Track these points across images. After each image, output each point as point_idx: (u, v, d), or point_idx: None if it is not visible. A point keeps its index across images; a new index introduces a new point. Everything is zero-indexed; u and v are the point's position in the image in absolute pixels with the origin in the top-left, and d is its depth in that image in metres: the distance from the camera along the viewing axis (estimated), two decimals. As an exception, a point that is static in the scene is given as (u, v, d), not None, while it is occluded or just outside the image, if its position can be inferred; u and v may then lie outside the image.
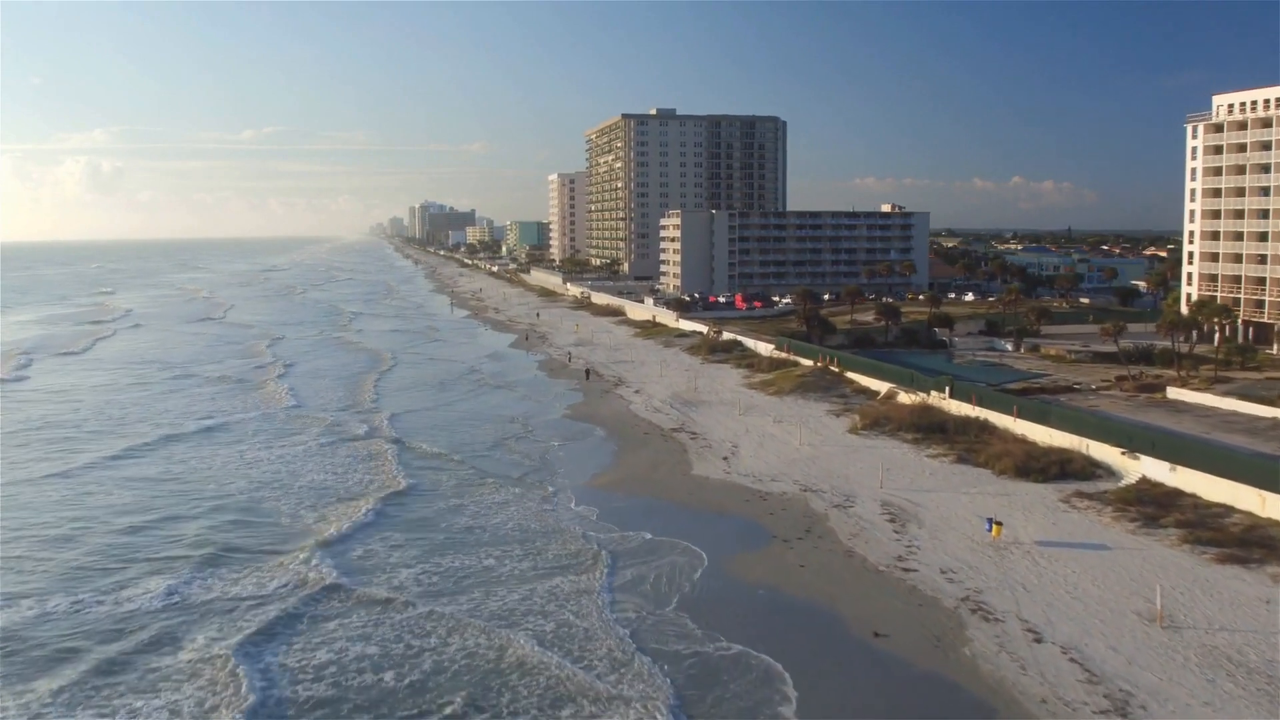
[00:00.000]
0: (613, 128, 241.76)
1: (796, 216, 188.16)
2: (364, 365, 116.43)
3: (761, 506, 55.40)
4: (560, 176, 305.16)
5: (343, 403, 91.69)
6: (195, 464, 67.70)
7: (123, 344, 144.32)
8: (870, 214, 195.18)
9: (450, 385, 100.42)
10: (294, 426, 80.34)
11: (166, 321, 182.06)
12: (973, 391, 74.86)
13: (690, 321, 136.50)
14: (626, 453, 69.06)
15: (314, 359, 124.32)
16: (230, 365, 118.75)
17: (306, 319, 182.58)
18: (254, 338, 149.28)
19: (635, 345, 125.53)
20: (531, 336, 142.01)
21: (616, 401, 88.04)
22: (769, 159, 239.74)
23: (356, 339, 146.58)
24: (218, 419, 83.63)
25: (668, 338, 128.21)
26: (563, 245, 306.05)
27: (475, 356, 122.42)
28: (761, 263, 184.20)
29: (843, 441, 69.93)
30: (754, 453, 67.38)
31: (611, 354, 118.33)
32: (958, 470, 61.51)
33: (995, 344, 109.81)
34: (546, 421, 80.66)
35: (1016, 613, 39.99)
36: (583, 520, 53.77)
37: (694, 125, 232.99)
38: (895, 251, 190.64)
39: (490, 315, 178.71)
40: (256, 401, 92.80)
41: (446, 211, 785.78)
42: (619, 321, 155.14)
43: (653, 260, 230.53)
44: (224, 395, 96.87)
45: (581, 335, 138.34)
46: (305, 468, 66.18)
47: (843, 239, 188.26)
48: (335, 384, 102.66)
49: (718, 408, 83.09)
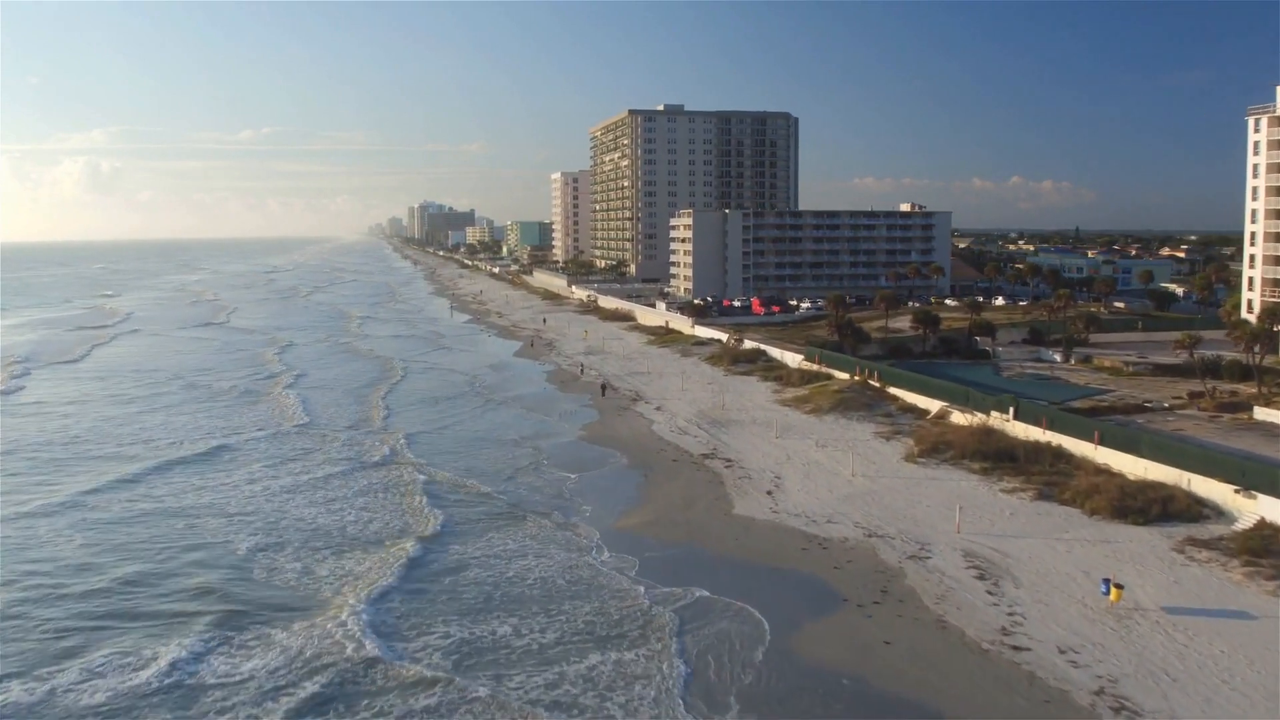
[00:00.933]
0: (619, 124, 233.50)
1: (813, 216, 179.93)
2: (373, 375, 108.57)
3: (823, 557, 47.14)
4: (563, 175, 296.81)
5: (355, 417, 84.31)
6: (200, 496, 59.49)
7: (123, 351, 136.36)
8: (890, 214, 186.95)
9: (458, 400, 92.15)
10: (307, 447, 72.40)
11: (169, 326, 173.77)
12: (1042, 413, 66.62)
13: (707, 328, 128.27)
14: (655, 485, 60.76)
15: (323, 368, 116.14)
16: (236, 375, 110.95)
17: (312, 323, 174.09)
18: (260, 344, 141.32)
19: (650, 354, 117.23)
20: (538, 344, 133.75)
21: (636, 420, 79.75)
22: (780, 157, 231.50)
23: (364, 345, 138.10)
24: (224, 438, 75.59)
25: (684, 346, 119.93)
26: (566, 246, 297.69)
27: (481, 366, 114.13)
28: (777, 265, 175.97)
29: (899, 471, 61.69)
30: (801, 485, 59.13)
31: (625, 364, 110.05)
32: (1041, 510, 53.29)
33: (1042, 354, 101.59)
34: (561, 445, 72.36)
35: (1169, 712, 31.82)
36: (620, 571, 45.69)
37: (703, 122, 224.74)
38: (916, 253, 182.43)
39: (493, 320, 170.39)
40: (266, 417, 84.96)
41: (446, 211, 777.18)
42: (629, 327, 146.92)
43: (661, 262, 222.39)
44: (230, 409, 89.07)
45: (591, 343, 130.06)
46: (325, 500, 58.13)
47: (861, 240, 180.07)
48: (346, 397, 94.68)
49: (751, 428, 74.82)
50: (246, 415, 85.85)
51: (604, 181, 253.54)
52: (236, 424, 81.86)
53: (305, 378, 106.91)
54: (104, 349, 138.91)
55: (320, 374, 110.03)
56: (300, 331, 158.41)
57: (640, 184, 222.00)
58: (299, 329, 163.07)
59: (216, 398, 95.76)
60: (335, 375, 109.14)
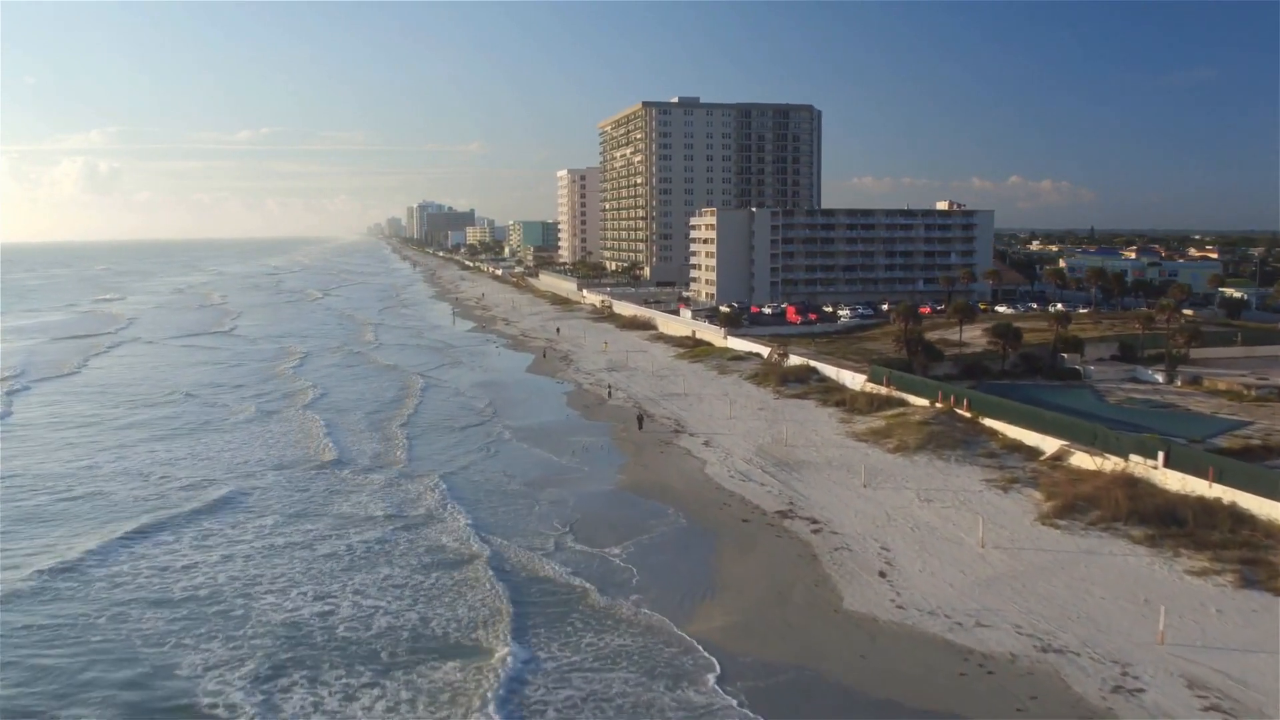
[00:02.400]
0: (631, 118, 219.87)
1: (846, 215, 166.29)
2: (391, 394, 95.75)
3: (994, 689, 33.61)
4: (570, 173, 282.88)
5: (378, 448, 71.90)
6: (209, 575, 45.83)
7: (124, 363, 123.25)
8: (928, 212, 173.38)
9: (476, 429, 77.97)
10: (335, 495, 59.20)
11: (173, 333, 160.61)
12: (1205, 460, 53.11)
13: (742, 339, 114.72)
14: (729, 560, 47.15)
15: (340, 384, 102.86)
16: (249, 392, 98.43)
17: (322, 331, 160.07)
18: (272, 354, 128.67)
19: (682, 371, 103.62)
20: (551, 356, 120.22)
21: (684, 460, 66.19)
22: (804, 152, 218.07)
23: (379, 357, 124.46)
24: (238, 481, 62.42)
25: (719, 361, 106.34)
26: (573, 247, 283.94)
27: (493, 385, 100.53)
28: (807, 268, 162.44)
29: (1039, 539, 48.19)
30: (920, 562, 45.61)
31: (656, 383, 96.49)
32: (1254, 603, 39.85)
33: (1139, 374, 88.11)
34: (598, 495, 58.75)
35: None
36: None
37: (722, 115, 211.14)
38: (955, 255, 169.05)
39: (500, 329, 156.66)
40: (285, 449, 72.07)
41: (445, 211, 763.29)
42: (651, 337, 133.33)
43: (676, 264, 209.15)
44: (245, 437, 76.16)
45: (613, 357, 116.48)
46: (367, 587, 44.32)
47: (897, 241, 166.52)
48: (366, 424, 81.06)
49: (828, 473, 61.27)
50: (262, 446, 72.74)
51: (614, 179, 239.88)
52: (252, 459, 68.62)
53: (325, 398, 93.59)
54: (104, 359, 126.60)
55: (340, 394, 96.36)
56: (311, 340, 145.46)
57: (655, 181, 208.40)
58: (309, 337, 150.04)
59: (228, 421, 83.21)
60: (353, 395, 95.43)
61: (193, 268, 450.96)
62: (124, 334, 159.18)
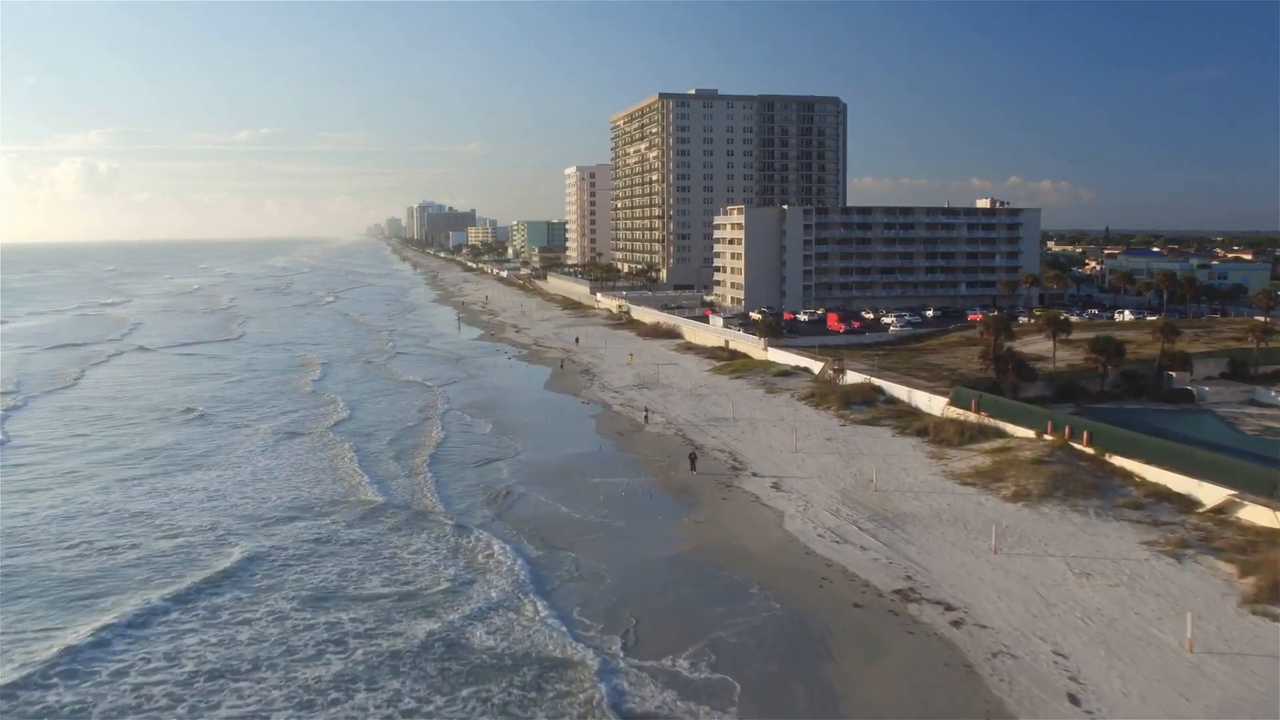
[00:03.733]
0: (647, 110, 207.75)
1: (884, 214, 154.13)
2: (415, 415, 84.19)
3: None
4: (578, 170, 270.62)
5: (409, 489, 60.32)
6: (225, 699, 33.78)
7: (127, 375, 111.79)
8: (971, 211, 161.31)
9: (502, 464, 66.34)
10: (371, 561, 47.25)
11: (180, 339, 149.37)
12: None
13: (784, 351, 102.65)
14: (856, 676, 34.96)
15: (364, 399, 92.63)
16: (268, 409, 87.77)
17: (336, 338, 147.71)
18: (289, 366, 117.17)
19: (722, 389, 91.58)
20: (570, 369, 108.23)
21: (754, 511, 54.14)
22: (830, 147, 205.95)
23: (396, 369, 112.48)
24: (261, 538, 50.50)
25: (763, 376, 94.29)
26: (581, 248, 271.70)
27: (512, 406, 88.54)
28: (842, 270, 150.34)
29: (1256, 636, 36.20)
30: (1114, 675, 33.57)
31: (697, 404, 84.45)
32: None
33: (1258, 395, 76.10)
34: (653, 564, 46.65)
35: None
36: None
37: (743, 107, 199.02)
38: (1000, 256, 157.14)
39: (510, 336, 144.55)
40: (315, 487, 60.71)
41: (446, 212, 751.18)
42: (679, 347, 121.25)
43: (694, 266, 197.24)
44: (266, 471, 64.93)
45: (641, 370, 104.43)
46: None
47: (938, 241, 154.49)
48: (394, 454, 69.90)
49: (940, 529, 49.24)
50: (287, 485, 61.18)
51: (627, 176, 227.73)
52: (274, 504, 57.02)
53: (352, 421, 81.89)
54: (104, 371, 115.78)
55: (368, 413, 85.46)
56: (326, 348, 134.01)
57: (672, 178, 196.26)
58: (323, 345, 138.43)
59: (246, 447, 72.18)
60: (379, 417, 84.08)
61: (196, 269, 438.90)
62: (127, 340, 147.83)
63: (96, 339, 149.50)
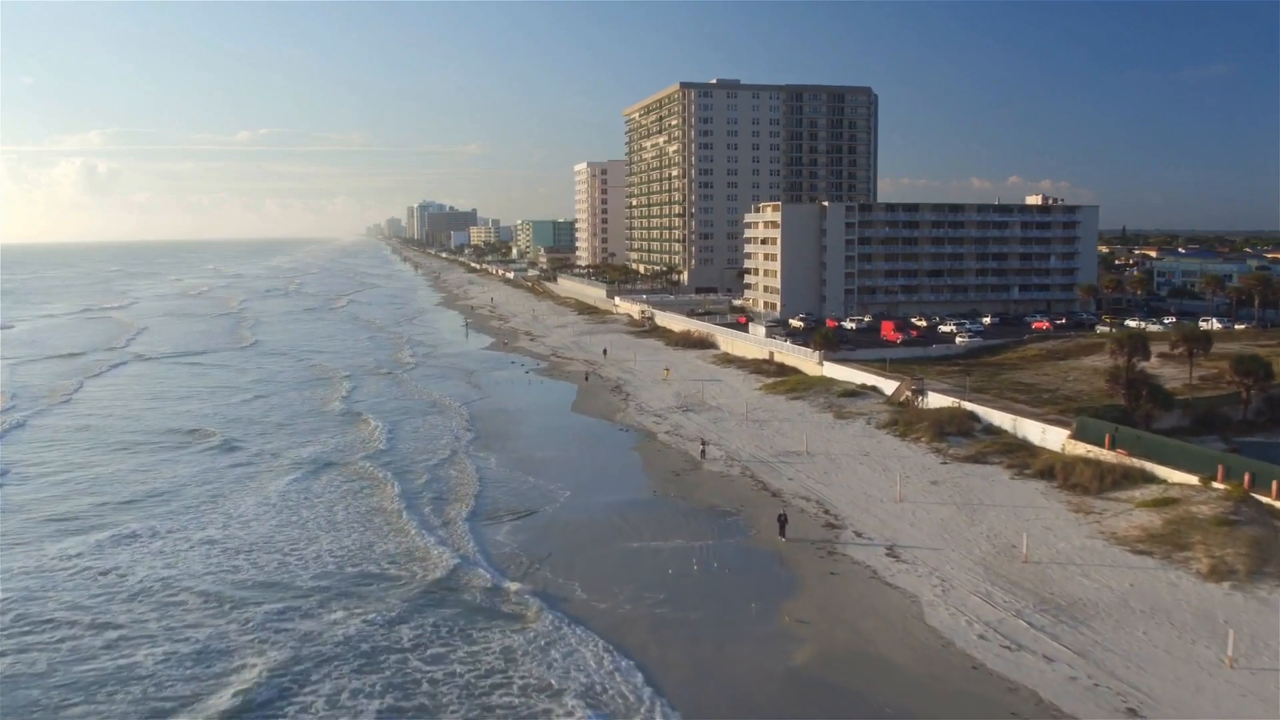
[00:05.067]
0: (666, 101, 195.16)
1: (932, 211, 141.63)
2: (447, 444, 71.94)
3: None
4: (589, 166, 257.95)
5: (458, 555, 47.77)
6: None
7: (131, 389, 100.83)
8: (1025, 208, 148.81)
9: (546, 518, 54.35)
10: (444, 685, 34.58)
11: (189, 345, 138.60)
12: None
13: (842, 366, 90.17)
14: None
15: (401, 425, 79.83)
16: (293, 433, 76.58)
17: (356, 348, 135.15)
18: (310, 380, 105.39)
19: (782, 412, 79.10)
20: (598, 386, 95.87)
21: (878, 594, 41.65)
22: (861, 140, 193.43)
23: (417, 386, 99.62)
24: (279, 644, 37.48)
25: (827, 397, 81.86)
26: (592, 248, 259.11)
27: (539, 434, 76.49)
28: (887, 273, 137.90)
29: None
30: None
31: (757, 432, 72.00)
32: None
33: None
34: (767, 682, 34.29)
35: None
36: None
37: (769, 98, 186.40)
38: (1056, 258, 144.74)
39: (525, 345, 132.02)
40: (362, 551, 48.50)
41: (447, 211, 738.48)
42: (716, 360, 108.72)
43: (718, 267, 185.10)
44: (293, 522, 53.26)
45: (683, 390, 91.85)
46: None
47: (990, 241, 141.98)
48: (435, 501, 57.60)
49: (1138, 627, 36.84)
50: (323, 545, 49.23)
51: (643, 172, 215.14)
52: (307, 577, 44.92)
53: (390, 452, 69.50)
54: (106, 382, 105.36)
55: (402, 441, 73.75)
56: (342, 358, 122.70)
57: (694, 173, 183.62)
58: (339, 354, 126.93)
59: (270, 484, 60.96)
60: (411, 444, 72.55)
61: (202, 269, 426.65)
62: (132, 347, 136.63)
63: (101, 345, 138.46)
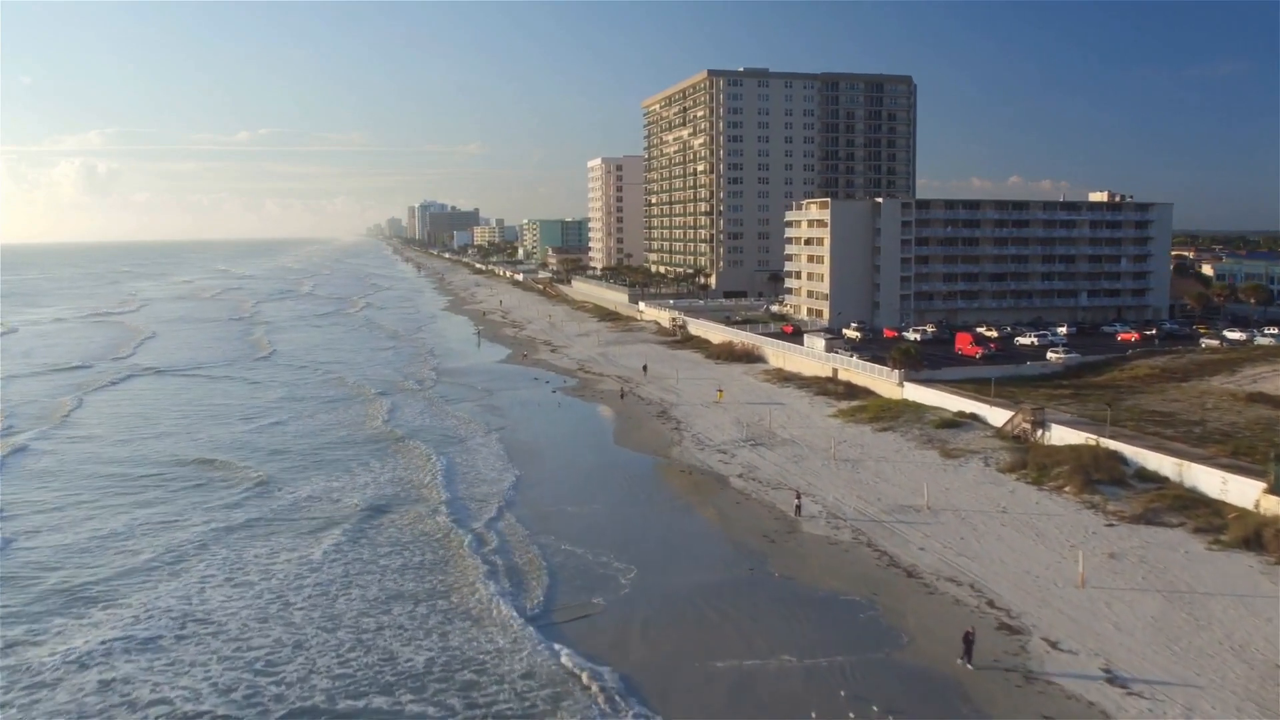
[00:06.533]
0: (691, 91, 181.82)
1: (995, 208, 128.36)
2: (491, 489, 58.64)
3: None
4: (604, 162, 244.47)
5: None
6: None
7: (140, 407, 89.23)
8: (1094, 205, 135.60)
9: (610, 615, 41.61)
10: None
11: (204, 355, 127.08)
12: None
13: (927, 388, 76.95)
14: None
15: (439, 455, 68.15)
16: (335, 468, 64.79)
17: (378, 359, 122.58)
18: (340, 397, 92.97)
19: (870, 447, 65.84)
20: (638, 408, 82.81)
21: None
22: (900, 134, 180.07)
23: (450, 411, 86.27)
24: None
25: (920, 427, 68.63)
26: (607, 249, 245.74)
27: (582, 476, 63.35)
28: (945, 276, 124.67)
29: None
30: None
31: (851, 476, 58.80)
32: None
33: None
34: None
35: None
36: None
37: (803, 87, 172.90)
38: (1127, 260, 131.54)
39: (546, 357, 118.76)
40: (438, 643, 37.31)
41: (448, 211, 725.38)
42: (770, 376, 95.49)
43: (748, 270, 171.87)
44: (350, 594, 42.75)
45: (742, 416, 78.56)
46: None
47: (1056, 242, 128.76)
48: (496, 568, 44.35)
49: None
50: (389, 641, 37.66)
51: (664, 167, 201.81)
52: (388, 667, 35.00)
53: (462, 510, 55.51)
54: (113, 398, 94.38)
55: (457, 478, 61.98)
56: (366, 370, 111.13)
57: (723, 168, 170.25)
58: (362, 366, 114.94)
59: (320, 541, 49.39)
60: (463, 488, 60.01)
61: (208, 270, 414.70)
62: (143, 358, 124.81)
63: (109, 354, 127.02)
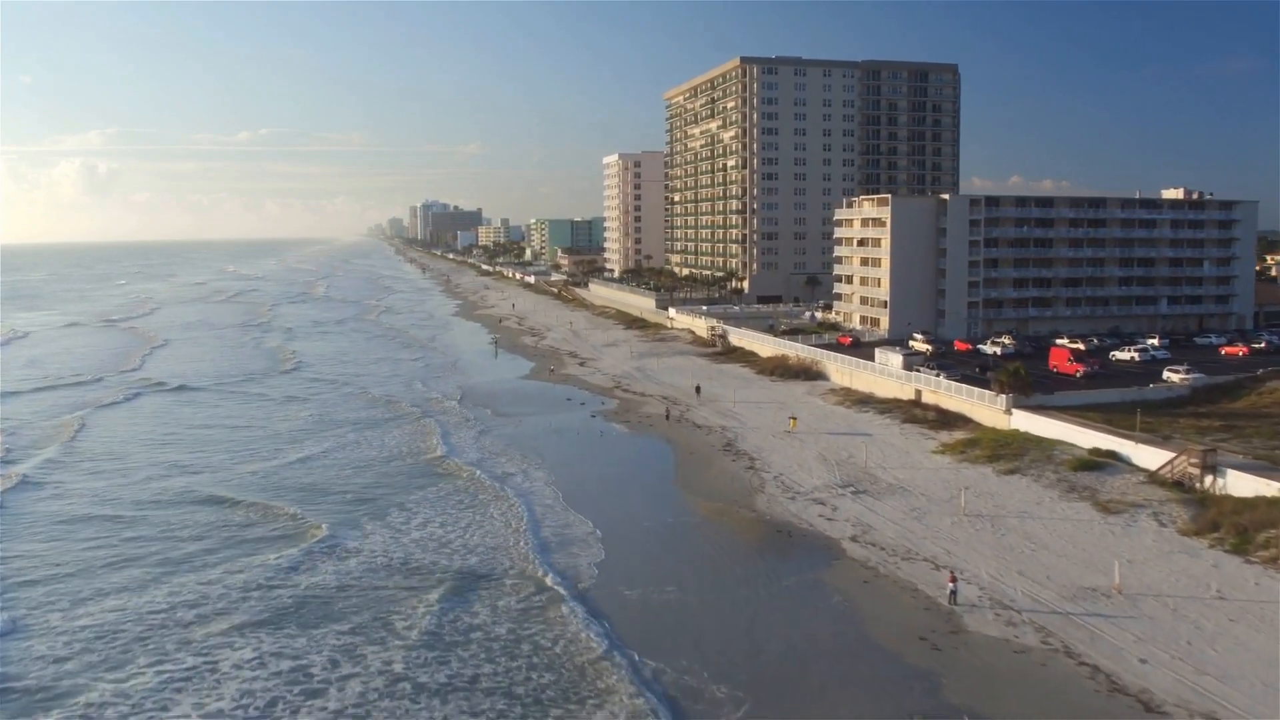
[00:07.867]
0: (719, 81, 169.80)
1: (1069, 206, 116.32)
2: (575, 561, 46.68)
3: None
4: (621, 158, 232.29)
5: None
6: None
7: (155, 434, 78.42)
8: (1175, 203, 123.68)
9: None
10: None
11: (224, 367, 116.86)
12: None
13: (1040, 416, 65.00)
14: None
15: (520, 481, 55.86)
16: (404, 524, 53.64)
17: (403, 370, 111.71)
18: (384, 421, 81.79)
19: (1000, 497, 53.90)
20: (694, 437, 70.87)
21: None
22: (946, 126, 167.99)
23: (488, 445, 75.00)
24: None
25: (1054, 470, 56.66)
26: (624, 249, 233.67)
27: (652, 541, 51.58)
28: (1015, 282, 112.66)
29: None
30: None
31: (996, 541, 46.93)
32: None
33: None
34: None
35: None
36: None
37: (842, 76, 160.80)
38: (1210, 263, 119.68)
39: (574, 372, 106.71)
40: None
41: (451, 211, 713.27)
42: (839, 398, 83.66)
43: (784, 273, 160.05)
44: None
45: (826, 450, 66.60)
46: None
47: (1135, 243, 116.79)
48: None
49: None
50: None
51: (689, 163, 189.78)
52: None
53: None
54: (125, 419, 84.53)
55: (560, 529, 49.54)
56: (397, 385, 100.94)
57: (756, 162, 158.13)
58: (394, 379, 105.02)
59: (414, 650, 37.71)
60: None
61: (217, 270, 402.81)
62: (162, 368, 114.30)
63: (126, 366, 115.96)
